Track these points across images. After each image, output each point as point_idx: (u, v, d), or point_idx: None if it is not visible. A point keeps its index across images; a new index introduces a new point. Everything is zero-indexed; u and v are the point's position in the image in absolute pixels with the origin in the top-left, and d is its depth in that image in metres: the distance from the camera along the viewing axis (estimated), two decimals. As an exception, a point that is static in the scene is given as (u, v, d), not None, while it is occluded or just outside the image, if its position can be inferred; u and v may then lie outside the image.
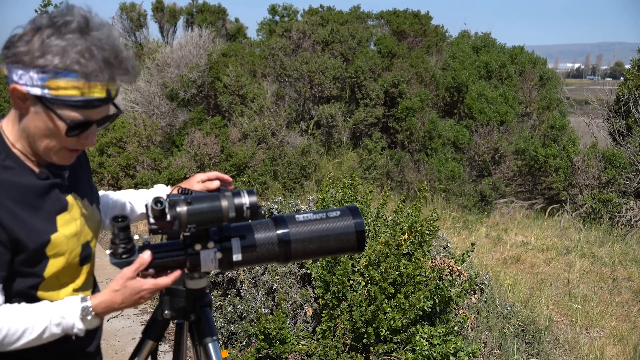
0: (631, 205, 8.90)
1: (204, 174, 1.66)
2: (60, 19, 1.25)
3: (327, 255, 1.60)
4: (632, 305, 5.68)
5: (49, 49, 1.22)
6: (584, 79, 76.41)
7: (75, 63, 1.23)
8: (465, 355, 3.36)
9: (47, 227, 1.36)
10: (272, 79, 10.84)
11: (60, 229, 1.39)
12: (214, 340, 1.59)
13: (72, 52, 1.23)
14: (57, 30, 1.24)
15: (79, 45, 1.23)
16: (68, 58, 1.23)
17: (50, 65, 1.22)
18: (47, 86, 1.24)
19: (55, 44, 1.22)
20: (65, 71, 1.23)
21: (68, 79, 1.24)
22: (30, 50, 1.23)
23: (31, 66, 1.23)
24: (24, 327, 1.28)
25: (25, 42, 1.24)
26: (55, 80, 1.23)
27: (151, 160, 9.10)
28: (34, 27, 1.25)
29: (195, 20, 18.07)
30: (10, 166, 1.33)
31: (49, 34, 1.23)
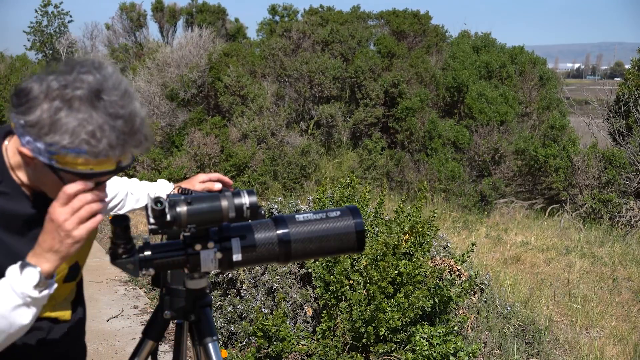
0: (631, 205, 8.90)
1: (206, 175, 1.65)
2: (70, 91, 1.17)
3: (327, 255, 1.60)
4: (632, 305, 5.68)
5: (58, 127, 1.16)
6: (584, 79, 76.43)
7: (84, 143, 1.17)
8: (465, 355, 3.36)
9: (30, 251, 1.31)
10: (272, 79, 10.84)
11: None
12: (214, 340, 1.59)
13: (82, 132, 1.16)
14: (68, 104, 1.17)
15: (91, 123, 1.17)
16: (77, 138, 1.17)
17: (59, 145, 1.17)
18: (55, 159, 1.20)
19: (64, 122, 1.16)
20: (75, 149, 1.18)
21: (77, 156, 1.19)
22: (39, 123, 1.17)
23: (39, 139, 1.18)
24: None
25: (34, 109, 1.17)
26: (63, 156, 1.19)
27: (151, 160, 9.10)
28: (43, 91, 1.18)
29: (195, 20, 18.08)
30: (4, 192, 1.31)
31: (58, 107, 1.16)
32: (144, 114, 1.27)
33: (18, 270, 1.21)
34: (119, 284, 5.39)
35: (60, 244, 1.20)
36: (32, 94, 1.19)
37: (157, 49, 13.38)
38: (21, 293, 1.20)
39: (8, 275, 1.21)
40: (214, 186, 1.64)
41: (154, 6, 19.04)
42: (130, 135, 1.21)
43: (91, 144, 1.17)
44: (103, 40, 20.76)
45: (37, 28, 22.16)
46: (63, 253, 1.22)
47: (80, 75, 1.19)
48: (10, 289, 1.20)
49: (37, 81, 1.20)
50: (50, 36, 22.06)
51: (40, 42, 22.07)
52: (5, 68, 14.53)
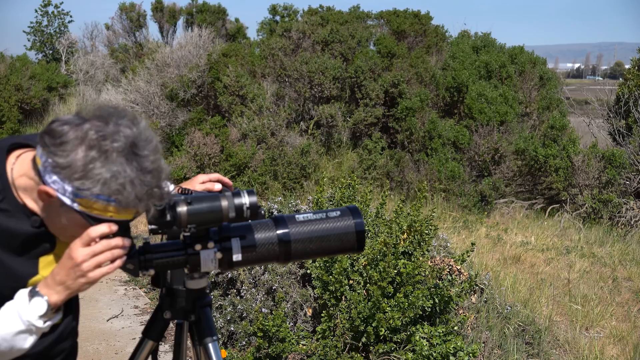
0: (631, 205, 8.90)
1: (206, 175, 1.66)
2: (108, 143, 1.20)
3: (327, 255, 1.60)
4: (632, 305, 5.68)
5: (90, 175, 1.19)
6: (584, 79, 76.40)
7: (115, 193, 1.21)
8: (465, 355, 3.36)
9: (27, 270, 1.34)
10: (272, 79, 10.84)
11: (42, 271, 1.37)
12: (214, 340, 1.59)
13: (114, 183, 1.20)
14: (104, 155, 1.20)
15: (123, 175, 1.20)
16: (109, 188, 1.20)
17: (89, 191, 1.20)
18: (79, 202, 1.22)
19: (99, 172, 1.19)
20: (103, 196, 1.21)
21: (103, 204, 1.22)
22: (71, 166, 1.19)
23: (68, 181, 1.20)
24: None
25: (67, 153, 1.20)
26: (89, 201, 1.22)
27: (151, 161, 9.09)
28: (79, 137, 1.20)
29: (195, 20, 18.07)
30: (5, 209, 1.31)
31: (94, 157, 1.19)
32: (169, 171, 1.31)
33: (27, 297, 1.24)
34: (119, 284, 5.39)
35: (73, 281, 1.24)
36: (67, 138, 1.21)
37: (157, 49, 13.38)
38: (27, 321, 1.23)
39: (16, 301, 1.24)
40: (214, 187, 1.64)
41: (154, 6, 19.03)
42: (157, 191, 1.25)
43: (122, 194, 1.20)
44: (103, 40, 20.76)
45: (37, 28, 22.16)
46: (73, 290, 1.25)
47: (119, 128, 1.22)
48: (17, 315, 1.23)
49: (72, 125, 1.22)
50: (51, 36, 22.06)
51: (41, 42, 22.07)
52: (5, 68, 14.52)
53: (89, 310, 4.71)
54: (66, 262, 1.24)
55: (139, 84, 11.75)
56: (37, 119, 14.53)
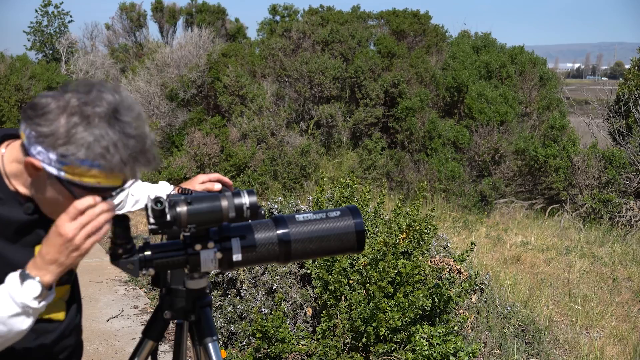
0: (631, 205, 8.90)
1: (206, 175, 1.67)
2: (90, 108, 1.22)
3: (327, 255, 1.60)
4: (632, 305, 5.69)
5: (73, 140, 1.21)
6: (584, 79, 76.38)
7: (99, 157, 1.22)
8: (465, 355, 3.36)
9: (22, 257, 1.33)
10: (272, 79, 10.84)
11: None
12: (214, 340, 1.59)
13: (97, 146, 1.21)
14: (86, 120, 1.22)
15: (106, 139, 1.22)
16: (92, 152, 1.21)
17: (73, 156, 1.21)
18: (65, 170, 1.23)
19: (81, 136, 1.21)
20: (88, 161, 1.22)
21: (89, 169, 1.23)
22: (54, 134, 1.21)
23: (52, 148, 1.21)
24: None
25: (50, 122, 1.21)
26: (75, 168, 1.22)
27: (151, 160, 9.09)
28: (61, 106, 1.22)
29: (194, 20, 18.07)
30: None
31: (76, 122, 1.21)
32: (154, 137, 1.32)
33: (18, 280, 1.23)
34: (119, 284, 5.39)
35: (67, 257, 1.23)
36: (49, 108, 1.22)
37: (157, 49, 13.38)
38: (21, 303, 1.22)
39: (7, 284, 1.23)
40: (213, 187, 1.65)
41: (154, 6, 19.04)
42: (140, 154, 1.26)
43: (105, 158, 1.21)
44: (103, 40, 20.77)
45: (37, 28, 22.17)
46: (67, 265, 1.24)
47: (101, 95, 1.24)
48: (10, 299, 1.22)
49: (54, 97, 1.24)
50: (51, 36, 22.07)
51: (41, 42, 22.07)
52: (5, 68, 14.52)
53: (89, 310, 4.71)
54: (55, 240, 1.22)
55: (139, 84, 11.75)
56: (37, 119, 14.50)
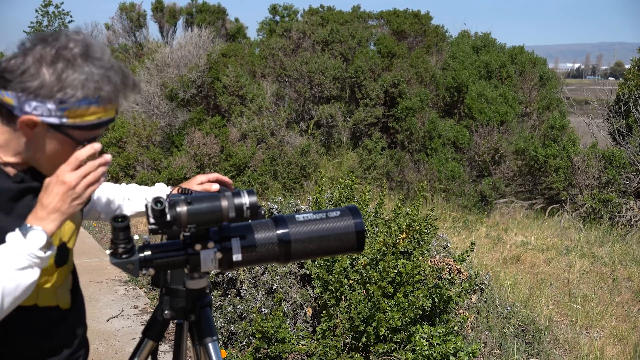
0: (631, 205, 8.90)
1: (205, 176, 1.68)
2: (68, 52, 1.28)
3: (327, 255, 1.60)
4: (632, 305, 5.69)
5: (68, 83, 1.26)
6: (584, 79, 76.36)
7: (95, 92, 1.29)
8: (465, 355, 3.36)
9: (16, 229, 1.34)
10: (271, 79, 10.84)
11: None
12: (214, 340, 1.59)
13: (91, 83, 1.28)
14: (70, 63, 1.27)
15: (95, 74, 1.29)
16: (88, 89, 1.28)
17: (73, 98, 1.27)
18: (67, 115, 1.28)
19: (73, 77, 1.27)
20: (86, 100, 1.28)
21: (88, 107, 1.29)
22: (46, 85, 1.26)
23: (50, 98, 1.26)
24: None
25: (33, 76, 1.26)
26: (76, 109, 1.28)
27: (151, 160, 9.11)
28: (37, 59, 1.27)
29: (195, 20, 18.07)
30: None
31: (63, 68, 1.27)
32: (123, 64, 1.40)
33: (20, 234, 1.26)
34: (119, 284, 5.39)
35: (68, 205, 1.28)
36: (26, 65, 1.26)
37: (157, 49, 13.38)
38: (28, 255, 1.25)
39: (10, 241, 1.26)
40: (211, 187, 1.65)
41: (154, 6, 19.03)
42: (124, 80, 1.34)
43: (102, 91, 1.29)
44: (103, 40, 20.77)
45: (38, 28, 22.16)
46: (68, 213, 1.29)
47: (68, 38, 1.30)
48: (16, 252, 1.24)
49: (24, 54, 1.28)
50: (50, 36, 22.07)
51: (41, 42, 22.08)
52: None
53: (89, 310, 4.70)
54: (57, 188, 1.26)
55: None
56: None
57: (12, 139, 1.34)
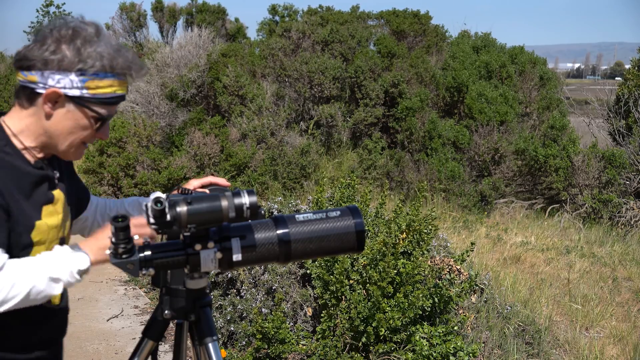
0: (631, 205, 8.90)
1: (198, 180, 1.70)
2: (83, 32, 1.42)
3: (327, 255, 1.60)
4: (632, 305, 5.69)
5: (87, 55, 1.40)
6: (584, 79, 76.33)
7: (111, 62, 1.42)
8: (465, 355, 3.36)
9: (33, 213, 1.45)
10: (271, 79, 10.83)
11: (44, 219, 1.48)
12: (214, 340, 1.59)
13: (106, 56, 1.42)
14: (87, 40, 1.41)
15: (108, 49, 1.43)
16: (105, 61, 1.41)
17: (92, 69, 1.40)
18: (87, 87, 1.41)
19: (90, 51, 1.40)
20: (102, 72, 1.42)
21: (105, 79, 1.42)
22: (67, 57, 1.39)
23: (71, 70, 1.39)
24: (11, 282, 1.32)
25: (56, 52, 1.38)
26: (95, 80, 1.41)
27: (151, 160, 9.10)
28: (56, 39, 1.39)
29: (195, 20, 18.06)
30: (9, 152, 1.44)
31: (81, 43, 1.40)
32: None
33: (69, 250, 1.39)
34: (119, 284, 5.39)
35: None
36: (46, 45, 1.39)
37: (157, 49, 13.37)
38: (69, 270, 1.36)
39: (57, 251, 1.39)
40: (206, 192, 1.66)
41: (154, 6, 19.02)
42: (134, 57, 1.48)
43: (117, 63, 1.42)
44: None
45: (38, 28, 22.17)
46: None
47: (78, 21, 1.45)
48: (58, 263, 1.36)
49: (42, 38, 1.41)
50: (51, 36, 22.06)
51: (41, 42, 22.07)
52: (5, 68, 14.52)
53: (89, 310, 4.71)
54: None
55: (138, 83, 11.74)
56: (37, 118, 14.50)
57: (32, 122, 1.45)
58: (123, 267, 1.40)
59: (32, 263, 1.36)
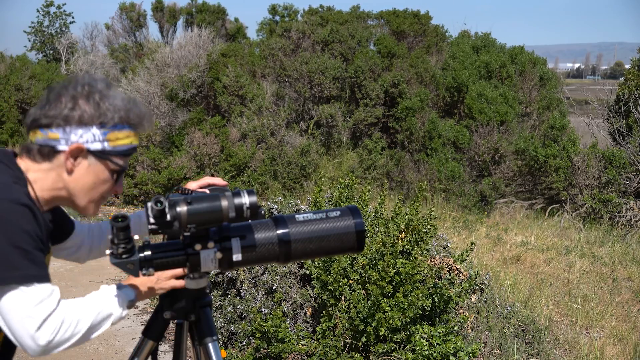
0: (631, 205, 8.90)
1: (195, 183, 1.69)
2: (95, 88, 1.46)
3: (327, 255, 1.60)
4: (632, 305, 5.68)
5: (106, 108, 1.44)
6: (584, 79, 76.30)
7: (127, 118, 1.47)
8: (465, 355, 3.36)
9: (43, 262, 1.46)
10: (271, 79, 10.83)
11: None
12: (214, 340, 1.59)
13: (122, 109, 1.46)
14: (102, 94, 1.45)
15: (122, 102, 1.47)
16: (122, 112, 1.46)
17: (112, 121, 1.44)
18: (108, 139, 1.44)
19: (107, 105, 1.44)
20: (121, 124, 1.46)
21: (123, 131, 1.47)
22: (87, 112, 1.42)
23: (92, 124, 1.43)
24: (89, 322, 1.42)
25: (73, 109, 1.42)
26: (115, 132, 1.45)
27: (151, 160, 9.10)
28: (72, 96, 1.43)
29: (194, 20, 18.07)
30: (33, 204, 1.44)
31: (98, 98, 1.44)
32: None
33: (117, 288, 1.50)
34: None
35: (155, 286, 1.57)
36: (64, 103, 1.42)
37: (157, 49, 13.37)
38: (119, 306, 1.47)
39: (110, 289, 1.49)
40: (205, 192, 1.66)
41: (154, 6, 19.03)
42: (144, 109, 1.53)
43: (130, 117, 1.47)
44: (103, 40, 20.75)
45: (39, 28, 22.12)
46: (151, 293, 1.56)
47: (90, 77, 1.49)
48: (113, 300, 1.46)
49: (57, 98, 1.44)
50: (51, 36, 22.03)
51: (41, 42, 22.04)
52: (5, 68, 14.51)
53: (89, 310, 4.70)
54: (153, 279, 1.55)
55: (139, 84, 11.74)
56: (37, 119, 14.47)
57: (49, 177, 1.46)
58: (123, 267, 1.40)
59: (86, 301, 1.43)
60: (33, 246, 1.34)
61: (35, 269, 1.34)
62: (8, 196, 1.35)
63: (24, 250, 1.32)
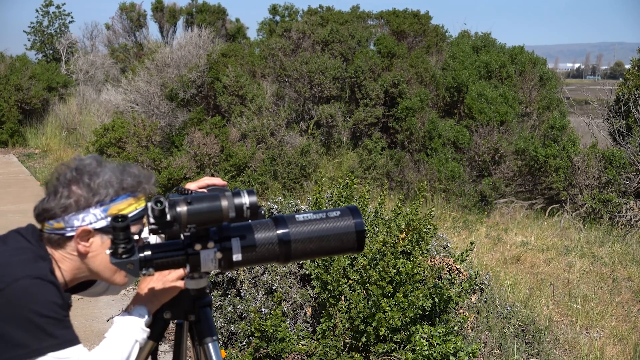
0: (631, 205, 8.89)
1: (194, 183, 1.69)
2: (84, 168, 1.51)
3: (327, 255, 1.60)
4: (632, 305, 5.68)
5: (98, 187, 1.49)
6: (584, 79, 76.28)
7: (121, 184, 1.51)
8: (465, 355, 3.36)
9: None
10: (271, 79, 10.83)
11: None
12: (214, 340, 1.59)
13: (115, 181, 1.51)
14: (92, 174, 1.51)
15: (114, 174, 1.52)
16: (116, 184, 1.51)
17: (108, 197, 1.49)
18: (110, 214, 1.50)
19: (99, 182, 1.50)
20: (117, 196, 1.51)
21: (124, 201, 1.51)
22: (82, 196, 1.49)
23: (89, 206, 1.48)
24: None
25: (68, 197, 1.48)
26: (115, 205, 1.50)
27: (151, 160, 9.10)
28: (64, 183, 1.50)
29: (195, 20, 18.07)
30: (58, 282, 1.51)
31: (89, 179, 1.50)
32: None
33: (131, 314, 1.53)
34: (119, 284, 5.38)
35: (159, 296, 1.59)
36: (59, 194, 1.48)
37: (157, 49, 13.37)
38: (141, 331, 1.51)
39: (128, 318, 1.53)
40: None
41: (154, 6, 19.03)
42: (138, 171, 1.57)
43: (127, 184, 1.51)
44: (103, 40, 20.76)
45: (38, 28, 22.11)
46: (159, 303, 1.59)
47: (77, 159, 1.54)
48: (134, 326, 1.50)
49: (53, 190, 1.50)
50: (51, 36, 22.02)
51: (41, 42, 22.03)
52: (5, 68, 14.50)
53: (88, 310, 4.71)
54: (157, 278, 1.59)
55: (138, 84, 11.74)
56: (37, 119, 14.50)
57: (69, 260, 1.53)
58: (123, 267, 1.40)
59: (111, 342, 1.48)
60: (62, 315, 1.42)
61: (70, 334, 1.42)
62: (34, 272, 1.42)
63: (55, 319, 1.39)
